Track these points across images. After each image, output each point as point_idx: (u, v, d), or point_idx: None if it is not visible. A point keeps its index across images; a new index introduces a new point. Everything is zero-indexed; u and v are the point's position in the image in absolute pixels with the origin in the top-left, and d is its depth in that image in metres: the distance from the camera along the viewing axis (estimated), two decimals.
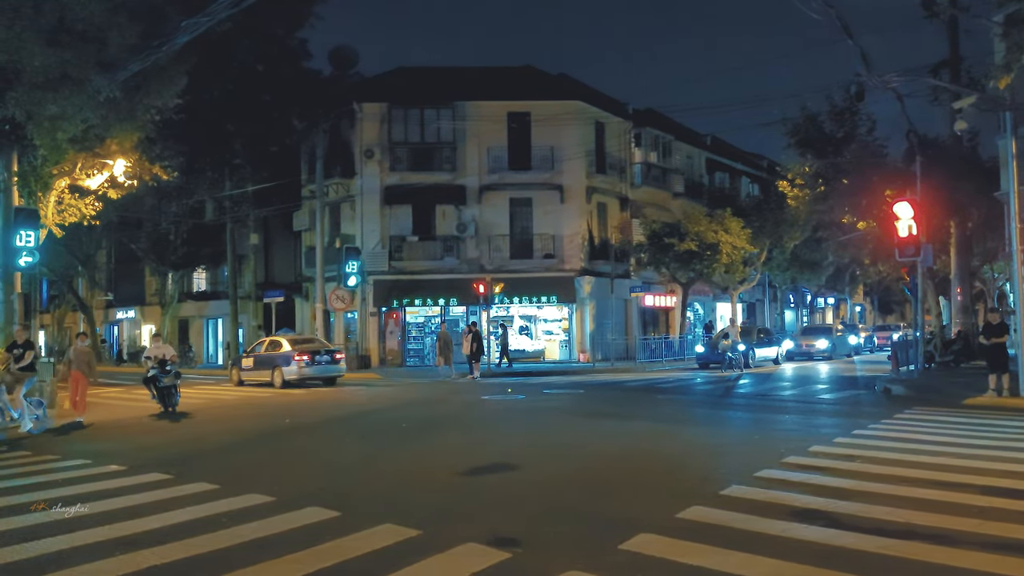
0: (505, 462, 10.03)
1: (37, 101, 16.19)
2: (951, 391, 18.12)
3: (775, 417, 14.72)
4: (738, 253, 34.83)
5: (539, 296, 34.30)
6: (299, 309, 38.76)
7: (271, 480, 8.97)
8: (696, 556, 5.76)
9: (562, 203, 34.80)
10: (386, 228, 34.05)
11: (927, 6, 22.38)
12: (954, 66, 24.98)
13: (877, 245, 30.52)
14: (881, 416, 14.03)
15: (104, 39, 16.27)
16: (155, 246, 41.49)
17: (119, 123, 17.83)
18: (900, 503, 7.23)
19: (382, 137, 34.02)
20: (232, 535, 6.60)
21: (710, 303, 45.65)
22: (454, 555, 5.98)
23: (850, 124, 28.50)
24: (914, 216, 20.42)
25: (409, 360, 34.32)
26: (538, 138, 34.48)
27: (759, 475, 8.66)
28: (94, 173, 19.90)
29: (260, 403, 19.26)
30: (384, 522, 6.85)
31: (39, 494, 8.31)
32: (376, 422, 15.20)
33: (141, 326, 49.23)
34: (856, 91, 21.80)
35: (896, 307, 66.74)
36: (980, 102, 18.59)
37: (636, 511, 7.30)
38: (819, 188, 29.27)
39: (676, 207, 39.86)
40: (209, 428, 14.66)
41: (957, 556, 5.70)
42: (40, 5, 15.53)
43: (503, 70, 35.53)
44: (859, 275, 50.17)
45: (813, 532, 6.36)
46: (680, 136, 41.58)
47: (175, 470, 9.60)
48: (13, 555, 6.15)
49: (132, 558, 5.98)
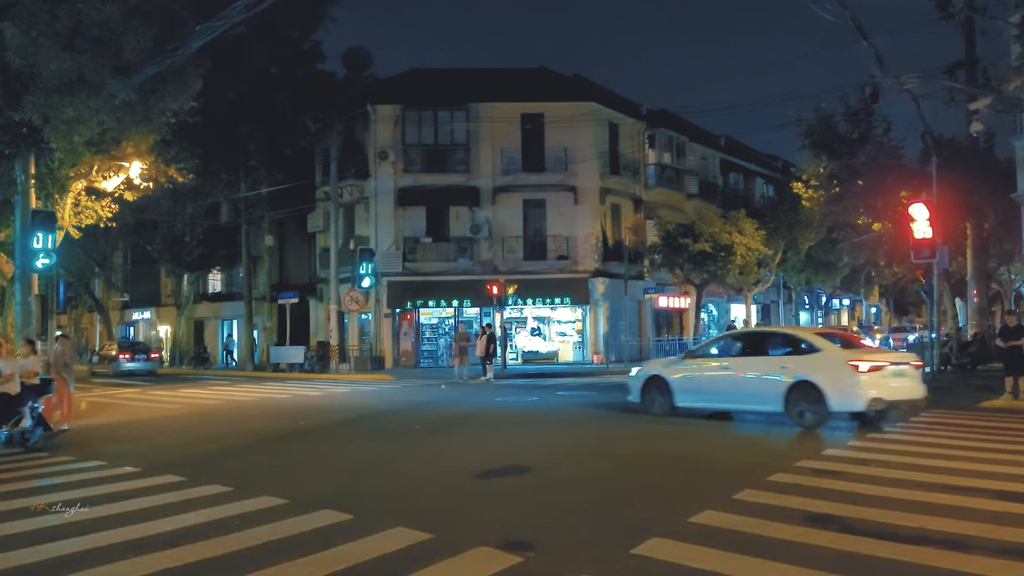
0: (518, 464, 10.04)
1: (54, 105, 16.32)
2: (967, 394, 18.01)
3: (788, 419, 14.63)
4: (752, 254, 34.71)
5: (552, 297, 34.32)
6: (313, 310, 38.90)
7: (284, 482, 9.00)
8: (708, 561, 5.74)
9: (576, 204, 34.80)
10: (400, 229, 34.14)
11: (942, 7, 22.23)
12: (970, 67, 24.84)
13: (892, 246, 30.36)
14: (896, 419, 13.92)
15: (119, 43, 16.40)
16: (171, 247, 41.76)
17: (135, 126, 17.95)
18: (914, 508, 7.19)
19: (396, 139, 34.11)
20: (245, 537, 6.62)
21: (724, 304, 45.51)
22: (467, 558, 5.98)
23: (865, 125, 28.39)
24: (930, 217, 20.30)
25: (423, 361, 34.39)
26: (552, 139, 34.50)
27: (772, 479, 8.62)
28: (110, 175, 20.05)
29: (270, 407, 19.32)
30: (397, 525, 6.86)
31: (54, 496, 8.37)
32: (389, 424, 15.22)
33: (157, 327, 49.54)
34: (871, 92, 21.75)
35: (912, 308, 66.35)
36: (996, 103, 18.47)
37: (648, 515, 7.29)
38: (834, 189, 29.13)
39: (690, 208, 39.78)
40: (224, 429, 14.72)
41: (971, 562, 5.65)
42: (56, 10, 15.67)
43: (516, 71, 35.62)
44: (874, 276, 49.90)
45: (826, 537, 6.32)
46: (694, 137, 41.50)
47: (189, 472, 9.64)
48: (28, 557, 6.19)
49: (145, 560, 6.01)
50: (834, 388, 12.79)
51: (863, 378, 12.70)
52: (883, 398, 12.74)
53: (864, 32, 15.63)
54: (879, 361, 13.17)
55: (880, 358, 13.42)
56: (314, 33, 32.76)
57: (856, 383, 12.70)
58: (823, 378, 12.92)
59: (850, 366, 12.85)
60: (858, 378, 12.70)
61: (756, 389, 13.81)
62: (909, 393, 13.34)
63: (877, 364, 13.00)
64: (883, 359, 13.42)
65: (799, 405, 13.13)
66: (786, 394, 13.23)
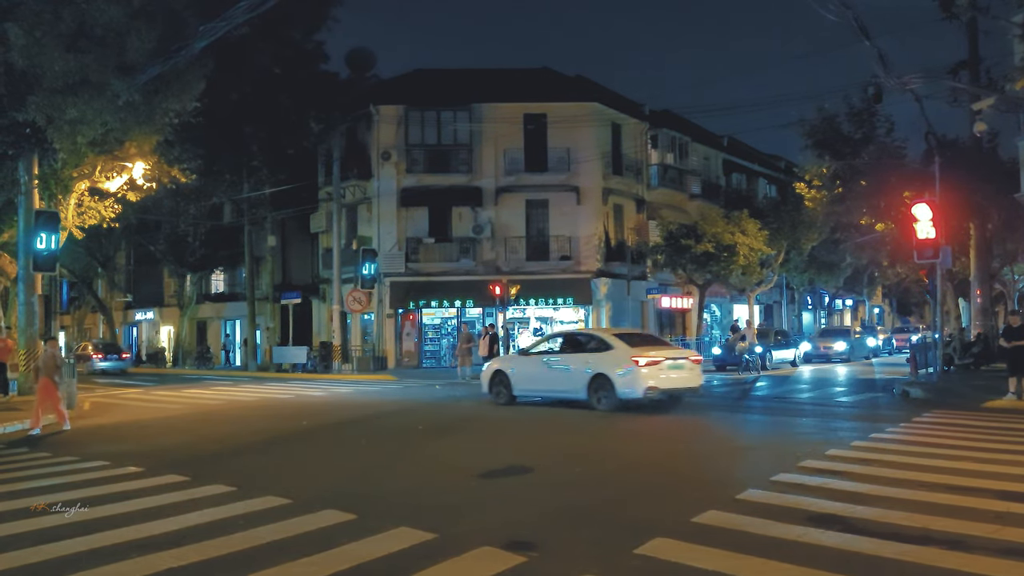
0: (521, 465, 10.04)
1: (57, 105, 16.36)
2: (970, 394, 17.97)
3: (792, 420, 14.66)
4: (755, 255, 34.70)
5: (555, 298, 34.33)
6: (316, 310, 38.93)
7: (287, 482, 9.01)
8: (712, 561, 5.74)
9: (578, 205, 34.81)
10: (403, 230, 34.16)
11: (945, 7, 22.22)
12: (973, 67, 24.77)
13: (896, 247, 30.30)
14: (899, 419, 13.93)
15: (123, 44, 16.44)
16: (173, 248, 41.83)
17: (138, 126, 17.99)
18: (917, 508, 7.19)
19: (399, 139, 34.14)
20: (248, 537, 6.63)
21: (727, 305, 45.49)
22: (470, 558, 5.99)
23: (868, 125, 28.32)
24: (933, 218, 20.26)
25: (425, 362, 34.42)
26: (554, 140, 34.51)
27: (776, 479, 8.62)
28: (113, 176, 20.10)
29: (273, 407, 19.33)
30: (400, 525, 6.86)
31: (58, 496, 8.38)
32: (392, 424, 15.24)
33: (160, 327, 49.59)
34: (874, 92, 21.71)
35: (915, 309, 66.27)
36: (999, 103, 18.48)
37: (652, 515, 7.29)
38: (837, 189, 29.07)
39: (693, 208, 39.77)
40: (226, 429, 14.74)
41: (974, 562, 5.65)
42: (60, 11, 15.71)
43: (519, 72, 35.61)
44: (877, 277, 49.85)
45: (830, 537, 6.32)
46: (697, 137, 41.47)
47: (192, 472, 9.66)
48: (32, 557, 6.20)
49: (149, 560, 6.02)
50: (620, 379, 15.52)
51: (642, 371, 15.31)
52: (658, 387, 15.44)
53: (867, 32, 15.62)
54: (656, 357, 15.72)
55: (659, 354, 15.91)
56: (317, 34, 32.83)
57: (635, 375, 15.32)
58: (612, 371, 15.64)
59: (632, 361, 15.44)
60: (638, 371, 15.30)
61: (569, 379, 16.54)
62: (685, 383, 16.15)
63: (654, 359, 15.62)
64: (661, 355, 15.92)
65: (598, 393, 15.85)
66: (588, 384, 16.00)
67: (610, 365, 15.70)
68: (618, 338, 16.52)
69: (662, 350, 16.45)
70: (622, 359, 15.59)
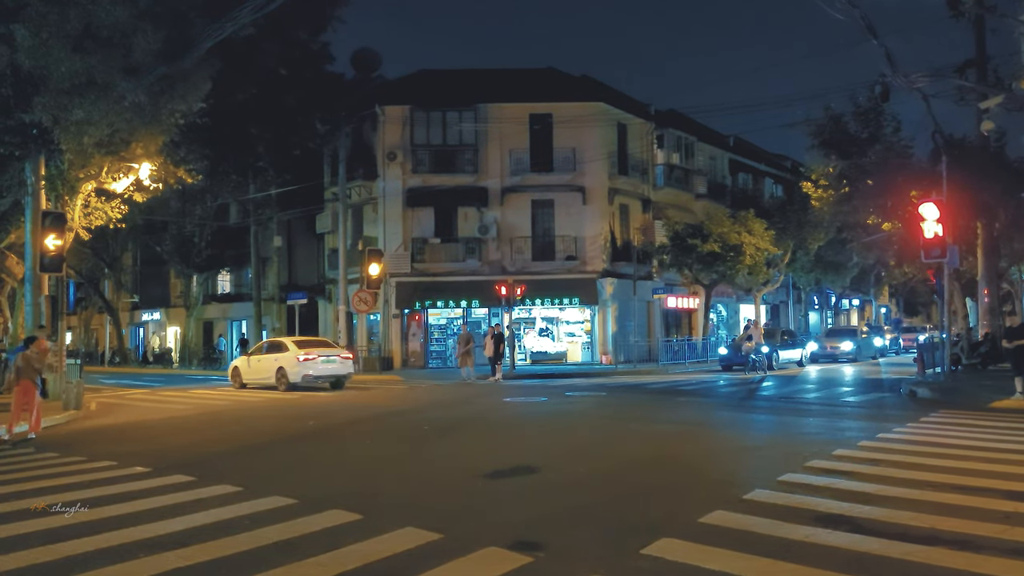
0: (527, 465, 10.03)
1: (63, 106, 16.40)
2: (977, 394, 17.92)
3: (799, 420, 14.62)
4: (761, 255, 34.66)
5: (561, 298, 34.32)
6: (322, 311, 38.97)
7: (293, 482, 9.01)
8: (718, 561, 5.73)
9: (584, 205, 34.81)
10: (408, 230, 34.18)
11: (953, 5, 22.14)
12: (981, 66, 24.68)
13: (902, 246, 30.24)
14: (906, 419, 13.89)
15: (129, 45, 16.46)
16: (180, 248, 41.92)
17: (144, 127, 18.03)
18: (924, 508, 7.16)
19: (404, 139, 34.15)
20: (255, 537, 6.63)
21: (733, 305, 45.44)
22: (476, 559, 5.98)
23: (875, 124, 28.23)
24: (940, 217, 20.20)
25: (431, 362, 34.44)
26: (560, 140, 34.49)
27: (783, 479, 8.59)
28: (120, 176, 20.14)
29: (279, 407, 19.35)
30: (406, 525, 6.86)
31: (65, 496, 8.39)
32: (397, 424, 15.23)
33: (166, 328, 49.69)
34: (881, 91, 21.63)
35: (922, 309, 66.10)
36: (1007, 102, 18.42)
37: (658, 515, 7.27)
38: (843, 189, 29.00)
39: (699, 208, 39.73)
40: (233, 430, 14.75)
41: (981, 562, 5.63)
42: (66, 12, 15.74)
43: (525, 72, 35.60)
44: (884, 277, 49.72)
45: (837, 537, 6.30)
46: (703, 137, 41.43)
47: (199, 472, 9.67)
48: (40, 556, 6.21)
49: (156, 560, 6.03)
50: (291, 370, 22.89)
51: (301, 364, 22.75)
52: (311, 374, 22.86)
53: (874, 30, 15.58)
54: (311, 354, 23.06)
55: (314, 352, 23.24)
56: (323, 34, 32.84)
57: (297, 367, 22.75)
58: (287, 365, 23.05)
59: (296, 357, 22.83)
60: (299, 364, 22.75)
61: (267, 371, 23.65)
62: (335, 371, 23.37)
63: (309, 356, 22.94)
64: (316, 353, 23.25)
65: (282, 381, 23.05)
66: (275, 374, 23.30)
67: (286, 361, 23.07)
68: (292, 343, 23.86)
69: (319, 349, 23.69)
70: (292, 356, 22.90)
